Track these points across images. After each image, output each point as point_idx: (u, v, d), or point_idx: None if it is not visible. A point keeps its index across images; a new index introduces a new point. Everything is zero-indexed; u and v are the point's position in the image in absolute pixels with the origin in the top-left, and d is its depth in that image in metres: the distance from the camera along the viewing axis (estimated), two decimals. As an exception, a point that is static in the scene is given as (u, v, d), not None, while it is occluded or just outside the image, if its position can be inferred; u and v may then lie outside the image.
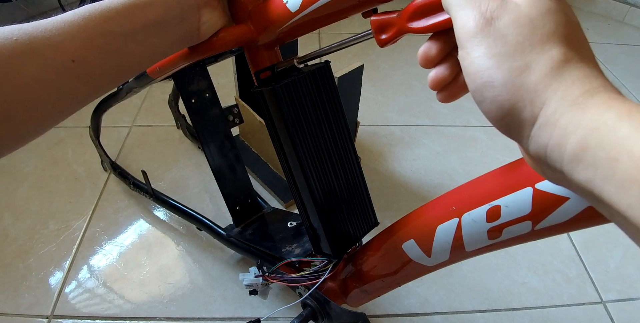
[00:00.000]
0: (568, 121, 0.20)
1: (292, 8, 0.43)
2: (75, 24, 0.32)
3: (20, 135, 0.31)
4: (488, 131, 1.19)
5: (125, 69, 0.36)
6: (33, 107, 0.30)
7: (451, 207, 0.38)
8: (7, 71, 0.28)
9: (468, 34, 0.23)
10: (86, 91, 0.33)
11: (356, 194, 0.53)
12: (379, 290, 0.51)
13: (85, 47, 0.32)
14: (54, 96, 0.31)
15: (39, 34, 0.30)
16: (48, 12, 1.47)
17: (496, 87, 0.22)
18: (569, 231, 0.32)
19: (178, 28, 0.38)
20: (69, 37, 0.31)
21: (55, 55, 0.30)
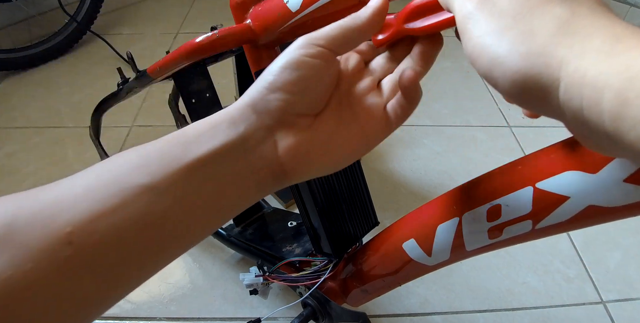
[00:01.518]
0: (597, 74, 0.17)
1: (292, 8, 0.43)
2: (81, 184, 0.22)
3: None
4: (488, 131, 1.19)
5: (159, 244, 0.23)
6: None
7: (451, 206, 0.38)
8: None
9: (465, 16, 0.22)
10: (98, 290, 0.22)
11: (356, 193, 0.53)
12: (379, 290, 0.51)
13: (91, 217, 0.21)
14: (38, 308, 0.20)
15: (26, 207, 0.21)
16: (48, 12, 1.47)
17: (503, 61, 0.20)
18: (569, 231, 0.32)
19: (241, 165, 0.25)
20: (69, 203, 0.21)
21: (41, 238, 0.20)
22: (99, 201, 0.21)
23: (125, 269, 0.22)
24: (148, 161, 0.23)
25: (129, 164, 0.23)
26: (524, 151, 1.13)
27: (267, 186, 0.27)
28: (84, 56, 1.48)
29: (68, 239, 0.20)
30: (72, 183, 0.22)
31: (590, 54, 0.17)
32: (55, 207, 0.21)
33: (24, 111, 1.25)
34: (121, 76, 0.89)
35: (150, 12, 1.72)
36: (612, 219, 0.30)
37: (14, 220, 0.20)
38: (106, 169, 0.23)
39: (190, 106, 0.68)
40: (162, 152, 0.24)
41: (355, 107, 0.29)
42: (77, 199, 0.21)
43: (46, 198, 0.21)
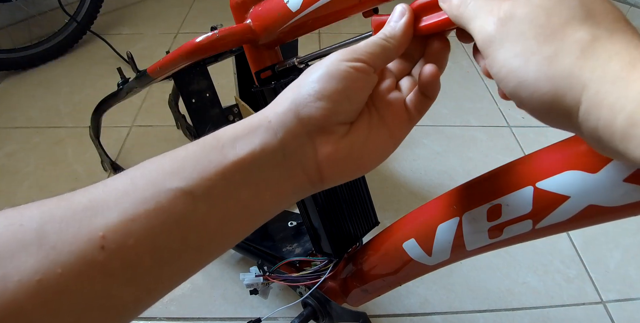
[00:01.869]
0: (614, 99, 0.18)
1: (292, 8, 0.43)
2: (114, 189, 0.22)
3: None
4: (488, 131, 1.19)
5: (196, 248, 0.23)
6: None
7: (452, 206, 0.38)
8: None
9: (488, 39, 0.23)
10: (131, 295, 0.21)
11: (357, 193, 0.53)
12: (379, 290, 0.51)
13: (125, 221, 0.21)
14: (68, 313, 0.19)
15: (58, 213, 0.20)
16: (48, 12, 1.47)
17: (530, 84, 0.21)
18: (569, 230, 0.32)
19: (279, 170, 0.25)
20: (102, 208, 0.21)
21: (72, 242, 0.19)
22: (133, 205, 0.21)
23: (160, 273, 0.22)
24: (183, 165, 0.23)
25: (162, 169, 0.23)
26: (523, 151, 1.13)
27: (303, 191, 0.27)
28: (84, 56, 1.48)
29: (101, 243, 0.20)
30: (104, 188, 0.22)
31: (609, 79, 0.19)
32: (88, 212, 0.21)
33: (24, 111, 1.25)
34: (121, 76, 0.89)
35: (150, 12, 1.72)
36: (612, 219, 0.30)
37: (43, 224, 0.20)
38: (140, 174, 0.23)
39: (190, 106, 0.68)
40: (196, 157, 0.24)
41: (381, 109, 0.29)
42: (109, 204, 0.21)
43: (78, 203, 0.21)
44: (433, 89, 0.29)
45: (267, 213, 0.26)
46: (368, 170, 0.29)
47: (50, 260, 0.19)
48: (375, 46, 0.28)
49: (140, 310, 0.23)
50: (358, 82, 0.27)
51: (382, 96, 0.30)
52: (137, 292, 0.21)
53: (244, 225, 0.25)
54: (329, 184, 0.28)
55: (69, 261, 0.19)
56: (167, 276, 0.23)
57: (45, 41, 1.41)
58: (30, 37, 1.44)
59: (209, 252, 0.24)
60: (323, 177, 0.27)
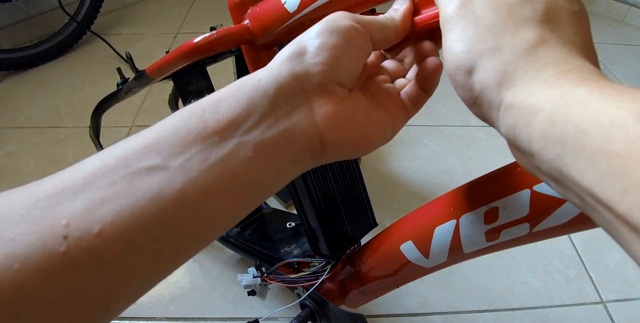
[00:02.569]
0: (535, 100, 0.19)
1: (290, 8, 0.43)
2: (82, 172, 0.20)
3: None
4: (488, 131, 1.19)
5: (179, 230, 0.20)
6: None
7: (449, 209, 0.38)
8: None
9: (446, 19, 0.23)
10: (100, 290, 0.19)
11: (355, 195, 0.53)
12: (377, 291, 0.51)
13: (90, 207, 0.19)
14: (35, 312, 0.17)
15: (19, 202, 0.19)
16: (48, 12, 1.47)
17: (466, 70, 0.21)
18: (567, 234, 0.32)
19: (272, 133, 0.22)
20: (67, 194, 0.19)
21: (31, 233, 0.18)
22: (100, 188, 0.19)
23: (135, 262, 0.19)
24: (158, 140, 0.21)
25: (136, 146, 0.21)
26: (524, 150, 1.13)
27: (303, 160, 0.24)
28: (84, 56, 1.48)
29: (63, 233, 0.18)
30: (71, 171, 0.20)
31: (538, 82, 0.19)
32: (52, 198, 0.19)
33: (24, 111, 1.26)
34: (121, 76, 0.89)
35: (150, 12, 1.72)
36: (609, 222, 0.29)
37: (4, 215, 0.18)
38: (110, 154, 0.21)
39: (189, 107, 0.68)
40: (174, 128, 0.21)
41: (375, 93, 0.28)
42: (75, 189, 0.19)
43: (42, 190, 0.19)
44: (432, 82, 0.29)
45: (265, 186, 0.23)
46: (369, 147, 0.27)
47: (7, 255, 0.17)
48: (374, 19, 0.27)
49: (117, 307, 0.20)
50: (357, 40, 0.25)
51: (378, 84, 0.29)
52: (108, 286, 0.19)
53: (236, 201, 0.22)
54: (330, 155, 0.25)
55: (27, 255, 0.17)
56: (144, 266, 0.20)
57: (45, 41, 1.41)
58: (30, 37, 1.44)
59: (193, 234, 0.21)
60: (324, 143, 0.24)
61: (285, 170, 0.24)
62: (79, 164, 0.21)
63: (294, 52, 0.24)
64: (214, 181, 0.21)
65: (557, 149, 0.17)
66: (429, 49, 0.29)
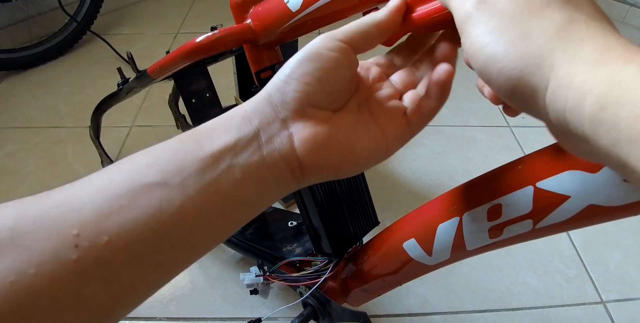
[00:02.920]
0: (583, 80, 0.18)
1: (292, 8, 0.43)
2: (90, 186, 0.22)
3: None
4: (488, 131, 1.19)
5: (176, 243, 0.22)
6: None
7: (452, 206, 0.38)
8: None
9: (465, 15, 0.23)
10: (107, 296, 0.20)
11: (357, 193, 0.53)
12: (379, 290, 0.51)
13: (98, 218, 0.20)
14: (47, 315, 0.19)
15: (32, 211, 0.20)
16: (48, 12, 1.47)
17: (499, 59, 0.21)
18: (569, 230, 0.32)
19: (256, 159, 0.25)
20: (77, 205, 0.21)
21: (45, 241, 0.19)
22: (107, 201, 0.21)
23: (137, 271, 0.21)
24: (159, 159, 0.23)
25: (139, 163, 0.23)
26: (523, 151, 1.13)
27: (285, 182, 0.26)
28: (84, 56, 1.48)
29: (74, 242, 0.19)
30: (81, 186, 0.22)
31: (580, 61, 0.18)
32: (62, 209, 0.20)
33: (24, 111, 1.25)
34: (121, 76, 0.89)
35: (150, 12, 1.72)
36: (612, 218, 0.30)
37: (17, 223, 0.19)
38: (116, 169, 0.23)
39: (190, 106, 0.68)
40: (174, 149, 0.24)
41: (375, 111, 0.28)
42: (84, 201, 0.21)
43: (54, 201, 0.21)
44: (444, 90, 0.28)
45: (251, 205, 0.26)
46: (356, 166, 0.27)
47: (24, 260, 0.18)
48: (355, 25, 0.27)
49: (121, 312, 0.22)
50: (332, 62, 0.26)
51: (379, 101, 0.29)
52: (113, 292, 0.20)
53: (226, 217, 0.24)
54: (312, 178, 0.27)
55: (42, 261, 0.19)
56: (146, 275, 0.22)
57: (45, 41, 1.41)
58: (30, 37, 1.44)
59: (189, 247, 0.23)
60: (303, 167, 0.26)
61: (270, 191, 0.26)
62: (88, 178, 0.23)
63: (271, 85, 0.26)
64: (207, 199, 0.23)
65: (612, 134, 0.16)
66: (447, 50, 0.29)
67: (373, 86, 0.30)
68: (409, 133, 0.29)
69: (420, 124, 0.30)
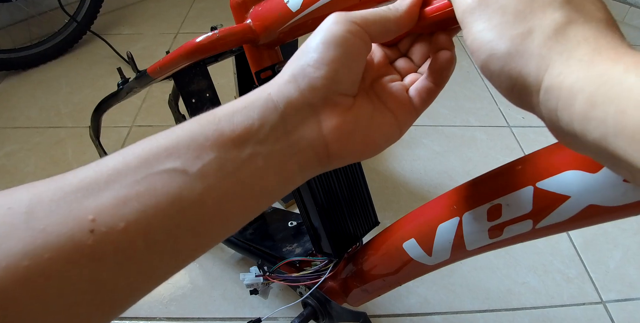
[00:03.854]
0: (574, 80, 0.19)
1: (293, 8, 0.43)
2: (106, 170, 0.21)
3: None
4: (488, 131, 1.19)
5: (194, 230, 0.22)
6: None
7: (452, 206, 0.38)
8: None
9: (467, 10, 0.23)
10: (123, 281, 0.20)
11: (357, 193, 0.53)
12: (379, 290, 0.51)
13: (116, 204, 0.20)
14: (62, 298, 0.18)
15: (47, 195, 0.20)
16: (48, 12, 1.47)
17: (500, 57, 0.21)
18: (570, 230, 0.32)
19: (282, 145, 0.24)
20: (93, 190, 0.20)
21: (60, 226, 0.19)
22: (124, 187, 0.20)
23: (155, 257, 0.21)
24: (177, 143, 0.22)
25: (157, 148, 0.22)
26: (523, 151, 1.13)
27: (310, 169, 0.26)
28: (84, 56, 1.48)
29: (90, 227, 0.19)
30: (96, 168, 0.21)
31: (573, 62, 0.19)
32: (78, 193, 0.20)
33: (24, 111, 1.25)
34: (121, 76, 0.89)
35: (150, 12, 1.72)
36: (612, 218, 0.30)
37: (32, 207, 0.19)
38: (133, 154, 0.22)
39: (190, 106, 0.68)
40: (192, 134, 0.22)
41: (383, 96, 0.28)
42: (100, 186, 0.20)
43: (69, 184, 0.20)
44: (445, 74, 0.28)
45: (272, 193, 0.25)
46: (375, 151, 0.28)
47: (39, 244, 0.18)
48: (373, 13, 0.26)
49: (136, 296, 0.21)
50: (355, 46, 0.25)
51: (384, 86, 0.29)
52: (130, 278, 0.20)
53: (246, 206, 0.24)
54: (336, 162, 0.26)
55: (57, 245, 0.18)
56: (163, 262, 0.21)
57: (45, 41, 1.41)
58: (30, 37, 1.44)
59: (209, 235, 0.23)
60: (330, 153, 0.25)
61: (293, 178, 0.25)
62: (102, 160, 0.22)
63: (296, 69, 0.25)
64: (228, 188, 0.22)
65: (600, 129, 0.17)
66: (444, 41, 0.28)
67: (378, 70, 0.30)
68: (414, 115, 0.29)
69: (423, 106, 0.30)
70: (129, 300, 0.21)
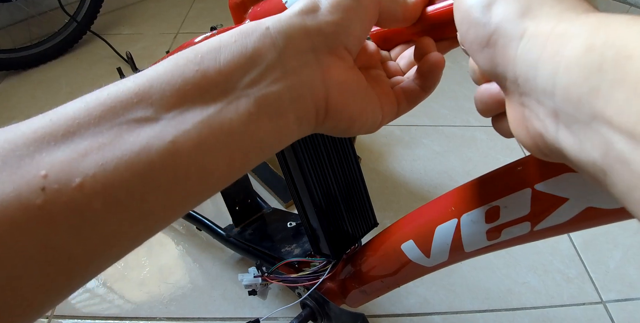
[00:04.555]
0: (568, 26, 0.17)
1: (291, 8, 0.43)
2: (66, 118, 0.18)
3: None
4: (488, 131, 1.19)
5: (168, 187, 0.18)
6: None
7: (450, 208, 0.38)
8: None
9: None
10: (79, 247, 0.17)
11: (355, 194, 0.53)
12: (378, 291, 0.51)
13: (71, 158, 0.17)
14: (8, 268, 0.16)
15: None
16: (48, 12, 1.47)
17: (481, 6, 0.20)
18: (568, 232, 0.32)
19: (278, 88, 0.21)
20: (48, 141, 0.17)
21: (6, 183, 0.16)
22: (84, 139, 0.17)
23: (120, 219, 0.18)
24: (150, 88, 0.19)
25: (125, 94, 0.19)
26: (524, 151, 1.13)
27: (307, 122, 0.22)
28: (84, 56, 1.48)
29: (41, 184, 0.16)
30: (53, 116, 0.18)
31: (569, 13, 0.17)
32: (30, 147, 0.17)
33: (24, 111, 1.25)
34: (121, 76, 0.89)
35: (150, 12, 1.72)
36: (610, 221, 0.29)
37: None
38: (96, 99, 0.19)
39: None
40: (168, 75, 0.19)
41: (372, 83, 0.27)
42: (57, 138, 0.17)
43: (21, 135, 0.18)
44: (433, 78, 0.27)
45: (265, 145, 0.21)
46: (362, 126, 0.25)
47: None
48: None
49: (98, 265, 0.18)
50: (369, 5, 0.23)
51: (372, 74, 0.28)
52: (89, 244, 0.17)
53: (232, 159, 0.20)
54: (329, 123, 0.24)
55: (1, 206, 0.15)
56: (130, 224, 0.18)
57: (45, 41, 1.41)
58: (30, 37, 1.44)
59: (183, 193, 0.19)
60: (328, 108, 0.22)
61: (289, 130, 0.22)
62: (60, 108, 0.19)
63: (307, 7, 0.22)
64: (209, 136, 0.19)
65: (592, 79, 0.15)
66: (429, 44, 0.27)
67: (370, 60, 0.28)
68: (395, 112, 0.28)
69: (405, 107, 0.28)
70: (89, 269, 0.18)
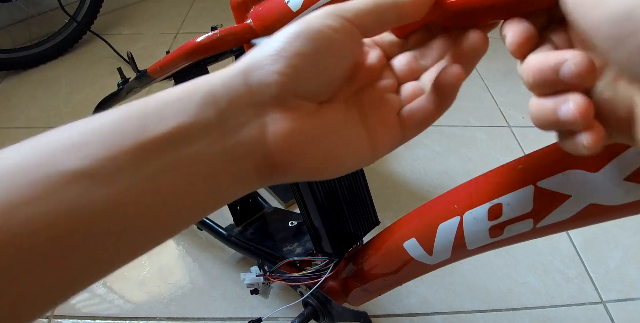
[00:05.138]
0: None
1: (293, 7, 0.43)
2: (6, 162, 0.17)
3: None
4: (488, 131, 1.19)
5: (101, 242, 0.18)
6: None
7: (452, 205, 0.38)
8: None
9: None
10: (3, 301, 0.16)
11: (357, 193, 0.53)
12: (380, 289, 0.51)
13: (2, 210, 0.16)
14: None
15: None
16: (48, 12, 1.47)
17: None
18: (570, 229, 0.33)
19: (215, 150, 0.20)
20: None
21: None
22: (17, 188, 0.16)
23: (48, 273, 0.16)
24: (88, 140, 0.18)
25: (64, 142, 0.18)
26: (524, 151, 1.13)
27: (248, 182, 0.21)
28: (84, 56, 1.48)
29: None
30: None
31: None
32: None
33: (24, 111, 1.25)
34: (121, 76, 0.89)
35: (150, 12, 1.72)
36: (612, 217, 0.30)
37: None
38: (35, 147, 0.18)
39: (191, 106, 0.68)
40: (110, 128, 0.18)
41: (366, 108, 0.24)
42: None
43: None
44: (449, 96, 0.23)
45: (204, 205, 0.20)
46: (339, 170, 0.23)
47: None
48: (369, 3, 0.22)
49: (34, 313, 0.17)
50: (333, 46, 0.21)
51: (373, 96, 0.24)
52: (11, 299, 0.16)
53: (173, 218, 0.19)
54: (285, 178, 0.22)
55: None
56: (63, 273, 0.17)
57: (45, 41, 1.41)
58: (30, 37, 1.44)
59: (129, 246, 0.19)
60: (275, 166, 0.21)
61: (227, 190, 0.21)
62: (2, 153, 0.18)
63: (254, 58, 0.21)
64: (145, 197, 0.18)
65: None
66: (478, 40, 0.23)
67: (370, 75, 0.25)
68: (399, 139, 0.25)
69: (413, 131, 0.25)
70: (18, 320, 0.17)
